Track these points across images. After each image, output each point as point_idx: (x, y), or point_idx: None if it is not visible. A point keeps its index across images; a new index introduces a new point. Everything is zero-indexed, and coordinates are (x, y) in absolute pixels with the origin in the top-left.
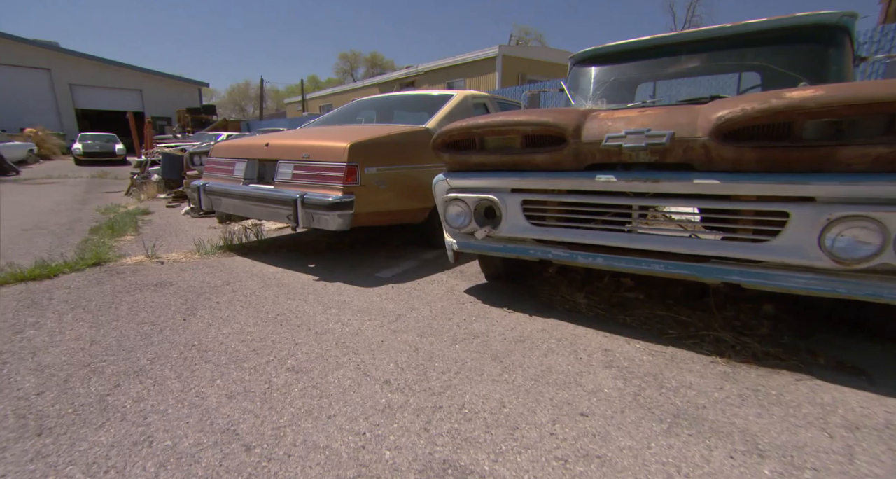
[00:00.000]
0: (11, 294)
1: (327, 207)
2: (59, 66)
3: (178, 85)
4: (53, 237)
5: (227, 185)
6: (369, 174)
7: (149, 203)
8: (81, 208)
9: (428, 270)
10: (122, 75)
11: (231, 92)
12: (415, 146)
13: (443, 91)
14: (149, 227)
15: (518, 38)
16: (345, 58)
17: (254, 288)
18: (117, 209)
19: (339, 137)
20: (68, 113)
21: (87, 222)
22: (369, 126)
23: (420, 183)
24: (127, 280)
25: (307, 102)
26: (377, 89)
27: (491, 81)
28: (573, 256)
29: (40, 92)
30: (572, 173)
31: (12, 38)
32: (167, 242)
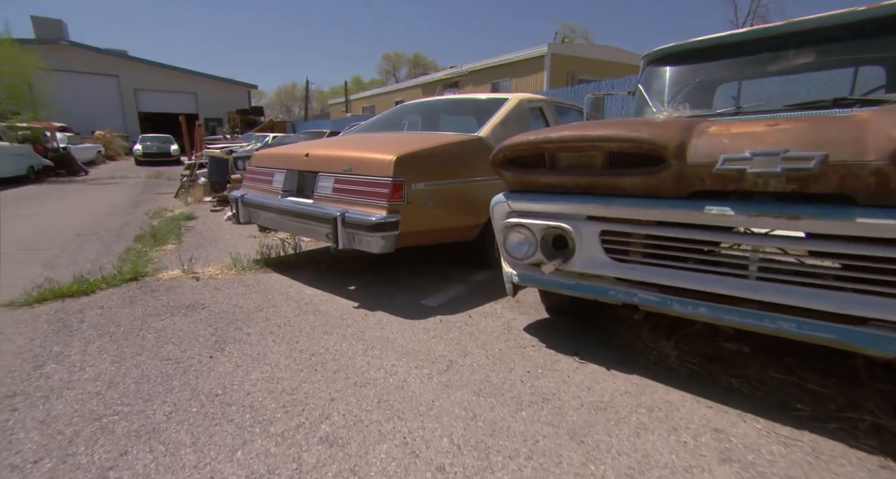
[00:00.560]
0: (47, 314)
1: (370, 228)
2: (126, 73)
3: (229, 87)
4: (101, 244)
5: (265, 197)
6: (416, 190)
7: (195, 207)
8: (133, 211)
9: (479, 297)
10: (180, 79)
11: (278, 93)
12: (466, 157)
13: (495, 95)
14: (190, 234)
15: (564, 35)
16: (388, 58)
17: (288, 316)
18: (164, 214)
19: (383, 147)
20: (132, 116)
21: (136, 227)
22: (415, 135)
23: (472, 198)
24: (160, 300)
25: (350, 102)
26: (420, 90)
27: (538, 81)
28: (667, 302)
29: (109, 97)
30: (671, 202)
31: (87, 47)
32: (205, 252)
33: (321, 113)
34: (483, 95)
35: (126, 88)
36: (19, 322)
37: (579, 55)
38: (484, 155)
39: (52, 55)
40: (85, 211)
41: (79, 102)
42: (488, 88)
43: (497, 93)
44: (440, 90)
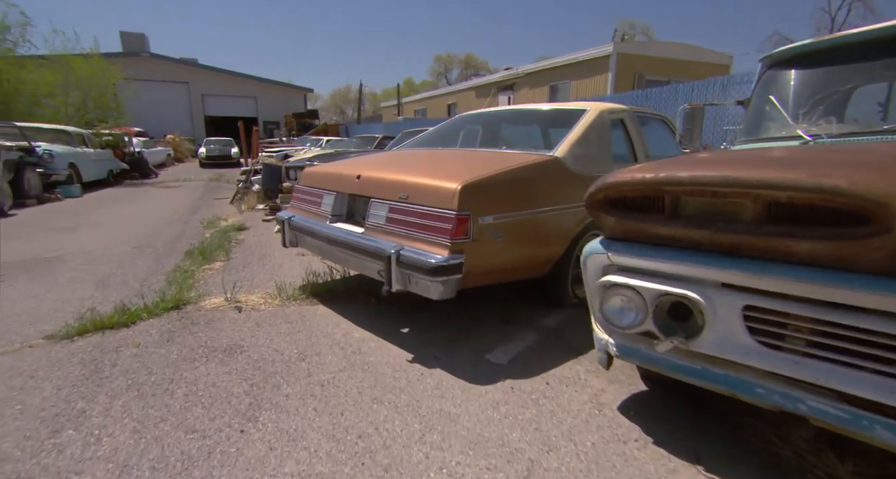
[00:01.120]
0: (83, 351)
1: (429, 271)
2: (195, 79)
3: (286, 91)
4: (154, 259)
5: (313, 222)
6: (484, 225)
7: (247, 215)
8: (190, 219)
9: (554, 351)
10: (242, 84)
11: (333, 96)
12: (540, 183)
13: (568, 105)
14: (239, 249)
15: (623, 33)
16: (439, 60)
17: (334, 370)
18: (217, 223)
19: (444, 171)
20: (199, 120)
21: (190, 238)
22: (479, 154)
23: (546, 230)
24: (197, 338)
25: (402, 106)
26: (473, 93)
27: (602, 83)
28: (861, 422)
29: (180, 102)
30: (880, 282)
31: (163, 58)
32: (251, 273)
33: (373, 115)
34: (554, 105)
35: (195, 93)
36: (55, 362)
37: (648, 54)
38: (560, 179)
39: (134, 66)
40: (147, 218)
41: (154, 108)
42: (546, 90)
43: (571, 103)
44: (494, 93)
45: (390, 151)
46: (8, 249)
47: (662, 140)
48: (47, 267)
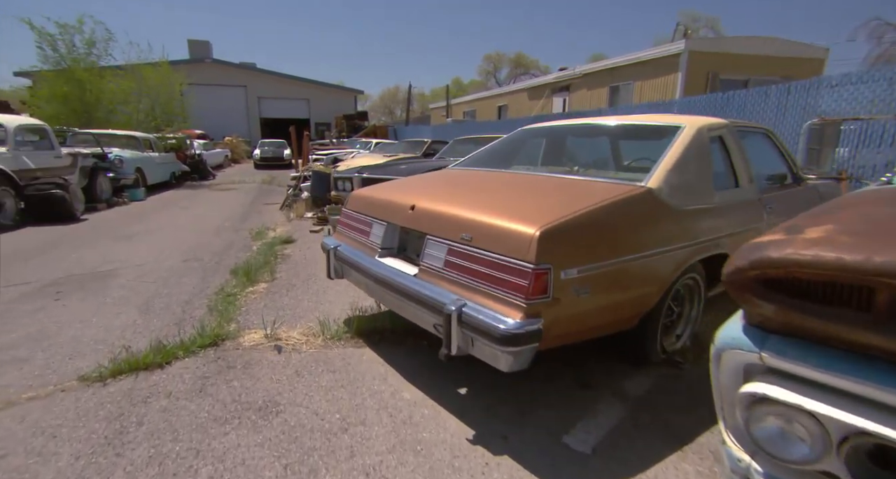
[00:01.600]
0: (112, 400)
1: (498, 339)
2: (253, 83)
3: (337, 93)
4: (199, 277)
5: (361, 255)
6: (567, 280)
7: (296, 224)
8: (239, 227)
9: (648, 434)
10: (296, 87)
11: (382, 96)
12: (633, 222)
13: (659, 119)
14: (285, 267)
15: (686, 26)
16: (489, 59)
17: (381, 451)
18: (265, 234)
19: (515, 208)
20: (255, 122)
21: (238, 250)
22: (553, 182)
23: (639, 279)
24: (232, 388)
25: (451, 107)
26: (525, 95)
27: (670, 84)
28: None
29: (238, 105)
30: None
31: (225, 63)
32: (296, 297)
33: (421, 115)
34: (638, 120)
35: (252, 96)
36: (81, 415)
37: (724, 50)
38: (656, 216)
39: (198, 71)
40: (200, 225)
41: (214, 111)
42: (605, 92)
43: (657, 117)
44: (548, 94)
45: (446, 172)
46: (74, 259)
47: (766, 159)
48: (101, 283)
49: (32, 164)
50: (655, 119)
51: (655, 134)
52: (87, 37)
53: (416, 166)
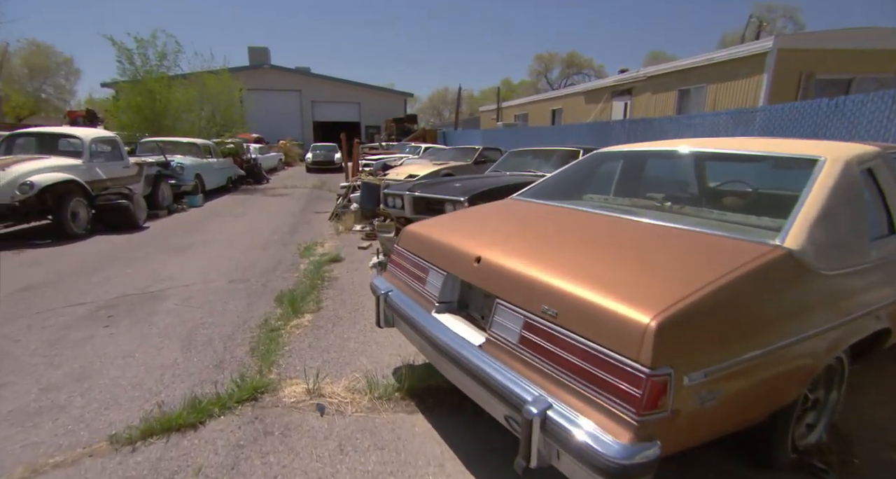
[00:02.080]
0: (137, 472)
1: (600, 470)
2: (307, 87)
3: (387, 96)
4: (245, 303)
5: (415, 307)
6: (692, 387)
7: (344, 238)
8: (289, 241)
9: None
10: (348, 91)
11: (431, 98)
12: (771, 299)
13: (786, 147)
14: (332, 292)
15: (761, 17)
16: (540, 59)
17: None
18: (313, 250)
19: (613, 274)
20: (308, 125)
21: (284, 270)
22: (655, 234)
23: (775, 372)
24: (268, 466)
25: (502, 110)
26: (582, 98)
27: (752, 87)
28: None
29: (292, 109)
30: None
31: (282, 69)
32: (342, 334)
33: (470, 117)
34: (753, 145)
35: (306, 100)
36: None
37: (820, 46)
38: (799, 289)
39: (256, 77)
40: (250, 237)
41: (270, 115)
42: (673, 96)
43: (784, 142)
44: (607, 98)
45: (512, 204)
46: (129, 275)
47: None
48: (150, 307)
49: (103, 174)
50: (782, 147)
51: (784, 166)
52: (160, 50)
53: (472, 184)
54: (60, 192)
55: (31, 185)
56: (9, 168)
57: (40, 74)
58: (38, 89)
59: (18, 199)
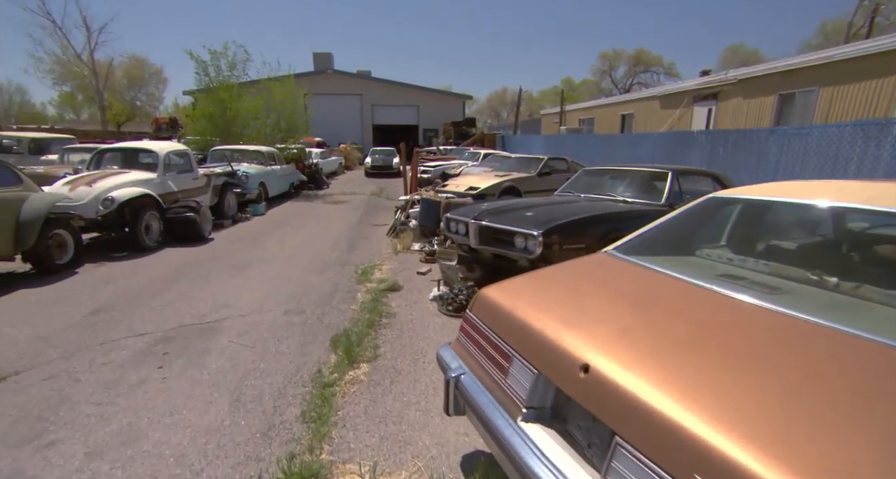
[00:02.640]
0: None
1: None
2: (367, 91)
3: (445, 99)
4: (298, 343)
5: (493, 407)
6: None
7: (403, 259)
8: (346, 261)
9: None
10: (406, 94)
11: (489, 99)
12: None
13: None
14: (390, 334)
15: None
16: (605, 57)
17: None
18: (371, 273)
19: (805, 438)
20: (367, 128)
21: (340, 300)
22: (846, 347)
23: None
24: None
25: (565, 114)
26: (657, 103)
27: (885, 90)
28: None
29: (353, 112)
30: None
31: (344, 73)
32: (401, 398)
33: (529, 118)
34: None
35: (366, 104)
36: None
37: None
38: None
39: (320, 82)
40: (307, 255)
41: (332, 119)
42: (771, 102)
43: None
44: (687, 103)
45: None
46: (189, 297)
47: None
48: (204, 343)
49: (175, 187)
50: None
51: None
52: (230, 59)
53: (547, 213)
54: (137, 206)
55: (112, 200)
56: (95, 184)
57: (136, 84)
58: (134, 97)
59: (101, 213)
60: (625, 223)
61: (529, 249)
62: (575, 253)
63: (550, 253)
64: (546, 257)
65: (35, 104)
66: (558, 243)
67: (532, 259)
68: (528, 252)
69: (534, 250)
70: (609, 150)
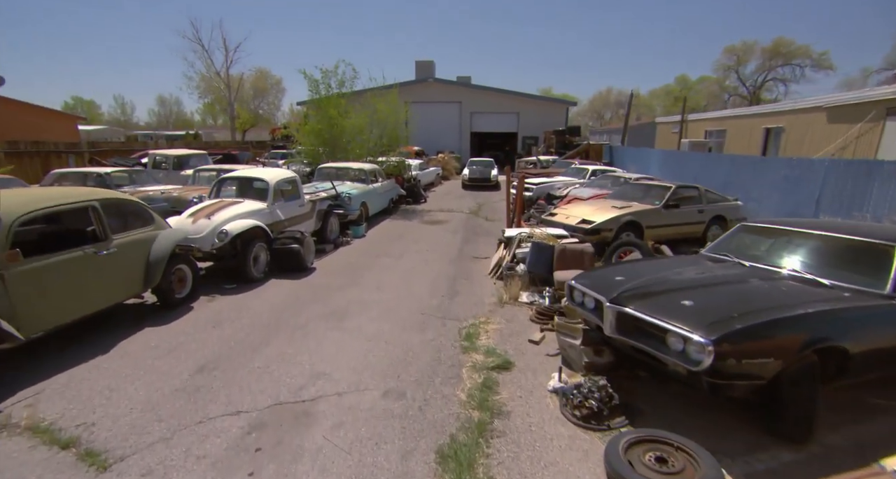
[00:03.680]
0: None
1: None
2: (467, 99)
3: (547, 105)
4: (400, 443)
5: None
6: None
7: (511, 314)
8: (447, 312)
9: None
10: (506, 101)
11: (592, 101)
12: None
13: None
14: (504, 448)
15: None
16: (731, 51)
17: None
18: (475, 338)
19: None
20: (465, 136)
21: (445, 378)
22: None
23: None
24: None
25: (687, 123)
26: (823, 115)
27: None
28: None
29: (452, 120)
30: None
31: (445, 81)
32: None
33: (638, 123)
34: None
35: (465, 112)
36: None
37: None
38: None
39: (420, 91)
40: (406, 301)
41: (430, 127)
42: None
43: None
44: (873, 117)
45: None
46: (287, 357)
47: None
48: (299, 438)
49: (282, 215)
50: None
51: None
52: (339, 77)
53: (714, 299)
54: (247, 237)
55: (226, 233)
56: (213, 216)
57: (260, 94)
58: (257, 106)
59: (216, 246)
60: (839, 328)
61: (692, 356)
62: (759, 368)
63: (724, 367)
64: (718, 371)
65: (186, 112)
66: (736, 356)
67: (695, 371)
68: (690, 361)
69: (699, 359)
70: (753, 177)
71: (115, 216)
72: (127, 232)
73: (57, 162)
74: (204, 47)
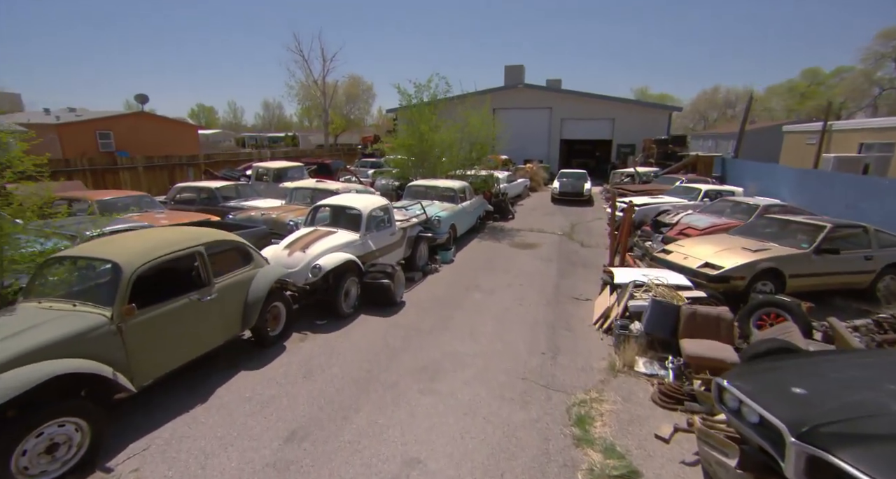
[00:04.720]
0: None
1: None
2: (557, 104)
3: (646, 111)
4: None
5: None
6: None
7: (626, 388)
8: (551, 380)
9: None
10: (600, 106)
11: (695, 102)
12: None
13: None
14: None
15: None
16: (886, 36)
17: None
18: (588, 423)
19: None
20: (555, 143)
21: (555, 468)
22: None
23: None
24: None
25: (831, 134)
26: None
27: None
28: None
29: (541, 127)
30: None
31: (535, 87)
32: None
33: (753, 127)
34: None
35: (555, 118)
36: None
37: None
38: None
39: (510, 97)
40: (500, 357)
41: (518, 134)
42: None
43: None
44: None
45: None
46: (376, 431)
47: None
48: None
49: (374, 245)
50: None
51: None
52: (433, 92)
53: None
54: (339, 271)
55: (320, 269)
56: (308, 249)
57: (352, 99)
58: (349, 112)
59: (309, 281)
60: None
61: None
62: None
63: None
64: None
65: (286, 115)
66: None
67: None
68: None
69: None
70: None
71: (218, 256)
72: (228, 274)
73: (180, 173)
74: (304, 58)
